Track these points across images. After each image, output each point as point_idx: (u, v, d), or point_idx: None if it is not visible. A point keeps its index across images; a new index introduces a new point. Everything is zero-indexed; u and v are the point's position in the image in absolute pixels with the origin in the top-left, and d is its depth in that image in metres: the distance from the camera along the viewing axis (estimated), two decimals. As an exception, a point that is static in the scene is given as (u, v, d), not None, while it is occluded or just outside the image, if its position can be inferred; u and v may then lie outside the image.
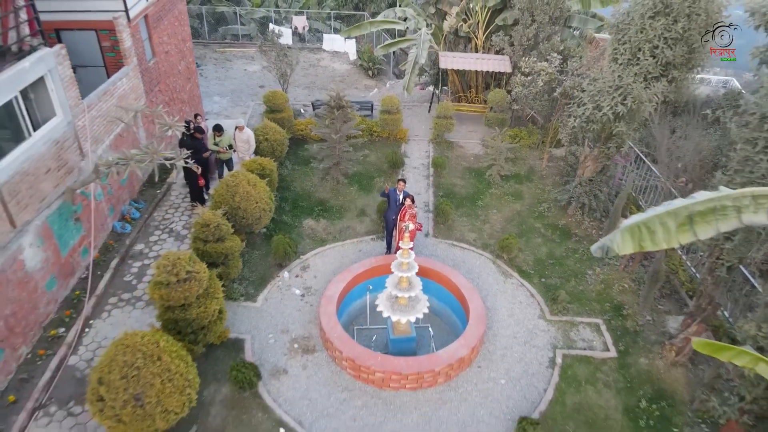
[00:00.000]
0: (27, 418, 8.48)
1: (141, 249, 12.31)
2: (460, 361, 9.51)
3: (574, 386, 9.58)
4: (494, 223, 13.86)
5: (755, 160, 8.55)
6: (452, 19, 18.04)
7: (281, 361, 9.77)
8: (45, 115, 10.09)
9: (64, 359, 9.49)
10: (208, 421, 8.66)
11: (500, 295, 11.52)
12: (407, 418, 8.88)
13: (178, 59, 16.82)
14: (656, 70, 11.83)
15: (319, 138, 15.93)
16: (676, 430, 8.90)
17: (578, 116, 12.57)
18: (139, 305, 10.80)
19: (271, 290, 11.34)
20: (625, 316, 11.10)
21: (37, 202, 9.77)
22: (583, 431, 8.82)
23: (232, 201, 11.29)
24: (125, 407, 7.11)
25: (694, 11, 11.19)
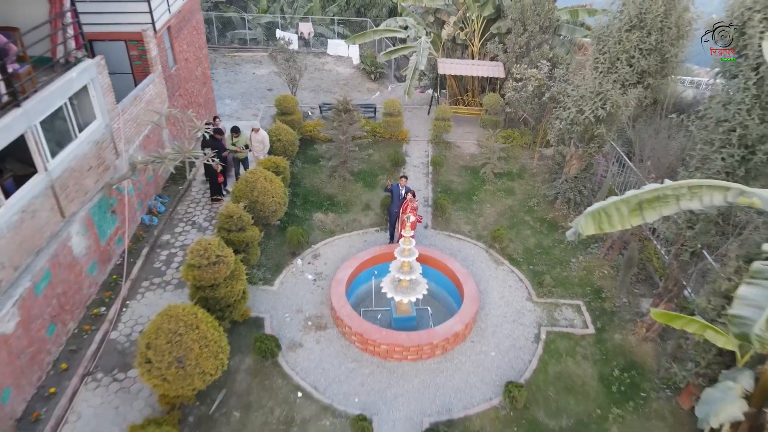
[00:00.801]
0: (78, 383, 9.71)
1: (167, 239, 13.54)
2: (455, 336, 10.73)
3: (555, 358, 10.80)
4: (488, 216, 15.08)
5: (711, 159, 9.77)
6: (450, 28, 19.26)
7: (297, 336, 10.99)
8: (87, 119, 11.30)
9: (106, 334, 10.72)
10: (234, 386, 9.89)
11: (492, 280, 12.75)
12: (408, 384, 10.10)
13: (195, 65, 18.04)
14: (633, 78, 13.05)
15: (327, 138, 17.15)
16: (643, 394, 10.12)
17: (563, 119, 13.80)
18: (168, 288, 12.02)
19: (286, 275, 12.57)
20: (603, 298, 12.32)
21: (81, 196, 10.99)
22: (563, 395, 10.05)
23: (251, 195, 12.52)
24: (169, 368, 8.33)
25: (666, 25, 12.40)
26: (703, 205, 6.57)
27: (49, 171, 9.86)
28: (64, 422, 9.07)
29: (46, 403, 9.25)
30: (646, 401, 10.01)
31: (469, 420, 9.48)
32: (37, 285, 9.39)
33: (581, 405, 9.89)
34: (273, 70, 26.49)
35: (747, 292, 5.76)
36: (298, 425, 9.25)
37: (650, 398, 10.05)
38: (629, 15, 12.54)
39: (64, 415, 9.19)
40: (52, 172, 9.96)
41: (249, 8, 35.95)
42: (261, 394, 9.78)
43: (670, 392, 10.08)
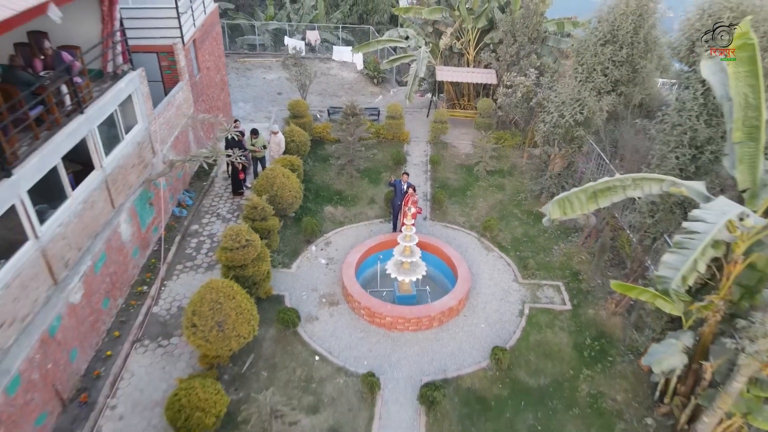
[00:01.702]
0: (129, 348, 11.36)
1: (196, 229, 15.18)
2: (450, 310, 12.37)
3: (536, 329, 12.44)
4: (480, 209, 16.72)
5: (668, 157, 11.42)
6: (447, 38, 20.89)
7: (313, 311, 12.63)
8: (130, 123, 12.93)
9: (149, 308, 12.36)
10: (261, 351, 11.53)
11: (483, 264, 14.38)
12: (409, 350, 11.74)
13: (215, 73, 19.68)
14: (607, 86, 14.66)
15: (335, 139, 18.78)
16: (610, 359, 11.76)
17: (548, 122, 15.45)
18: (200, 270, 13.67)
19: (302, 260, 14.22)
20: (580, 280, 13.96)
21: (126, 190, 12.64)
22: (541, 359, 11.69)
23: (271, 189, 14.16)
24: (211, 331, 9.97)
25: (636, 40, 14.02)
26: (644, 194, 8.23)
27: (103, 168, 11.51)
28: (120, 379, 10.72)
29: (104, 364, 10.90)
30: (612, 364, 11.65)
31: (461, 378, 11.12)
32: (95, 264, 11.04)
33: (557, 367, 11.54)
34: (281, 75, 28.15)
35: (669, 258, 7.40)
36: (317, 382, 10.89)
37: (616, 362, 11.69)
38: (603, 31, 14.18)
39: (120, 372, 10.84)
40: (106, 169, 11.60)
41: (256, 15, 37.56)
42: (284, 357, 11.42)
43: (632, 357, 11.72)
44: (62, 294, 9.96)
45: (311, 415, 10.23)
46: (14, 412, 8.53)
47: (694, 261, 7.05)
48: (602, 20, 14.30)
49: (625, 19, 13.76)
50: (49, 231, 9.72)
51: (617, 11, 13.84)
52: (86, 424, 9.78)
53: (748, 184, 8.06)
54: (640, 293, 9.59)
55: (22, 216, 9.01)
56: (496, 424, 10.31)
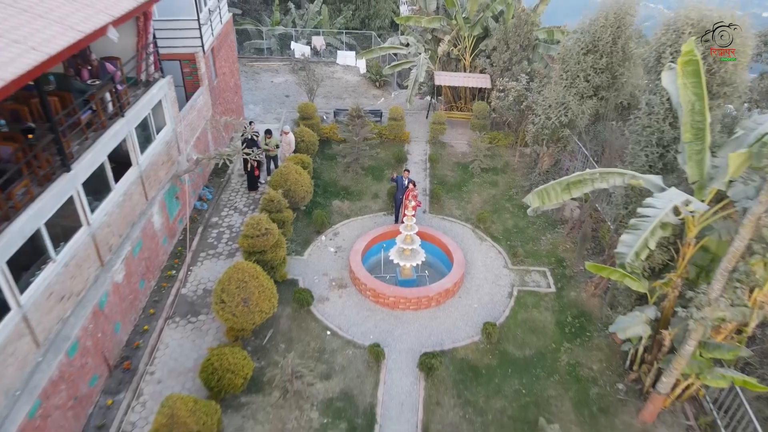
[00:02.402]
0: (163, 323, 12.77)
1: (216, 221, 16.60)
2: (446, 291, 13.78)
3: (524, 309, 13.85)
4: (475, 203, 18.13)
5: (639, 155, 12.80)
6: (445, 45, 22.29)
7: (324, 293, 14.04)
8: (160, 125, 14.33)
9: (178, 290, 13.78)
10: (279, 326, 12.93)
11: (477, 252, 15.80)
12: (410, 327, 13.14)
13: (230, 77, 21.09)
14: (589, 91, 16.04)
15: (341, 139, 20.19)
16: (588, 334, 13.17)
17: (536, 124, 16.85)
18: (221, 257, 15.08)
19: (312, 248, 15.63)
20: (564, 266, 15.37)
21: (157, 184, 14.05)
22: (527, 334, 13.10)
23: (285, 184, 15.57)
24: (237, 306, 11.37)
25: (614, 50, 15.40)
26: (609, 185, 9.65)
27: (139, 164, 12.92)
28: (156, 349, 12.15)
29: (142, 337, 12.33)
30: (590, 338, 13.07)
31: (455, 350, 12.53)
32: (134, 249, 12.46)
33: (541, 341, 12.95)
34: (288, 79, 29.58)
35: (625, 237, 8.81)
36: (329, 353, 12.31)
37: (593, 336, 13.11)
38: (585, 41, 15.56)
39: (156, 344, 12.26)
40: (141, 165, 13.02)
41: (263, 20, 38.97)
42: (299, 332, 12.84)
43: (607, 332, 13.12)
44: (108, 274, 11.38)
45: (324, 381, 11.64)
46: (73, 372, 9.96)
47: (645, 239, 8.46)
48: (584, 31, 15.70)
49: (604, 31, 15.16)
50: (97, 219, 11.13)
51: (598, 24, 15.24)
52: (129, 386, 11.20)
53: (696, 177, 9.47)
54: (611, 273, 11.03)
55: (77, 205, 10.42)
56: (486, 388, 11.72)
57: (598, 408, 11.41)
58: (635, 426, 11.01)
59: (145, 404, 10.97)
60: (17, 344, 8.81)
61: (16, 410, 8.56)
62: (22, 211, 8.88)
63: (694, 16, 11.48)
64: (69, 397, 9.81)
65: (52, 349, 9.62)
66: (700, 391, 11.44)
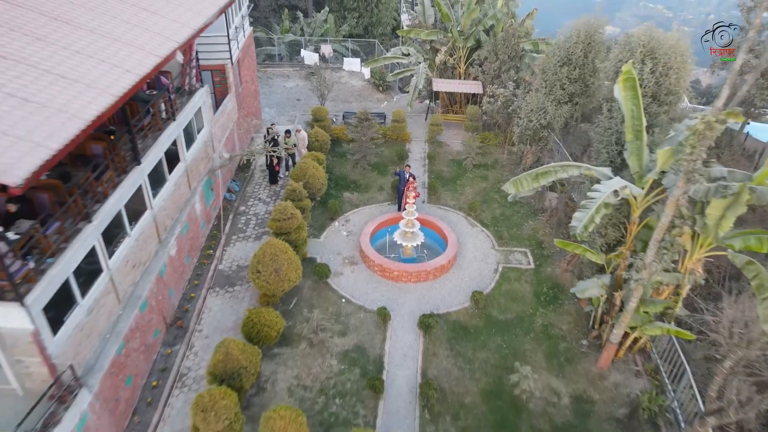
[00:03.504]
0: (205, 292, 15.19)
1: (243, 209, 19.02)
2: (441, 267, 16.19)
3: (507, 282, 16.26)
4: (467, 194, 20.55)
5: (601, 152, 15.22)
6: (442, 55, 24.67)
7: (339, 268, 16.44)
8: (200, 126, 16.74)
9: (216, 266, 16.20)
10: (302, 295, 15.34)
11: (468, 236, 18.21)
12: (411, 296, 15.55)
13: (251, 84, 23.50)
14: (565, 98, 18.42)
15: (350, 139, 22.60)
16: (560, 302, 15.59)
17: (520, 126, 19.26)
18: (250, 240, 17.50)
19: (328, 232, 18.05)
20: (543, 248, 17.78)
21: (198, 177, 16.47)
22: (509, 302, 15.51)
23: (304, 177, 17.98)
24: (270, 275, 13.78)
25: (585, 63, 17.81)
26: (568, 176, 12.06)
27: (185, 160, 15.34)
28: (202, 312, 14.58)
29: (189, 302, 14.76)
30: (561, 305, 15.49)
31: (449, 314, 14.95)
32: (182, 230, 14.88)
33: (520, 307, 15.38)
34: (299, 84, 31.94)
35: (577, 214, 11.21)
36: (344, 316, 14.73)
37: (564, 304, 15.53)
38: (561, 55, 17.97)
39: (201, 308, 14.69)
40: (187, 161, 15.44)
41: (273, 27, 41.31)
42: (319, 299, 15.25)
43: (575, 300, 15.56)
44: (165, 249, 13.81)
45: (341, 337, 14.06)
46: (144, 324, 12.39)
47: (591, 216, 10.87)
48: (560, 47, 18.11)
49: (576, 47, 17.57)
50: (157, 204, 13.56)
51: (571, 40, 17.65)
52: (183, 340, 13.64)
53: (636, 168, 11.88)
54: (575, 248, 13.47)
55: (144, 193, 12.85)
56: (473, 343, 14.15)
57: (565, 358, 13.85)
58: (593, 371, 13.44)
59: (197, 353, 13.42)
60: (106, 299, 11.25)
61: (107, 349, 11.00)
62: (110, 195, 11.30)
63: (644, 38, 13.91)
64: (141, 343, 12.25)
65: (129, 305, 12.06)
66: (648, 344, 13.87)
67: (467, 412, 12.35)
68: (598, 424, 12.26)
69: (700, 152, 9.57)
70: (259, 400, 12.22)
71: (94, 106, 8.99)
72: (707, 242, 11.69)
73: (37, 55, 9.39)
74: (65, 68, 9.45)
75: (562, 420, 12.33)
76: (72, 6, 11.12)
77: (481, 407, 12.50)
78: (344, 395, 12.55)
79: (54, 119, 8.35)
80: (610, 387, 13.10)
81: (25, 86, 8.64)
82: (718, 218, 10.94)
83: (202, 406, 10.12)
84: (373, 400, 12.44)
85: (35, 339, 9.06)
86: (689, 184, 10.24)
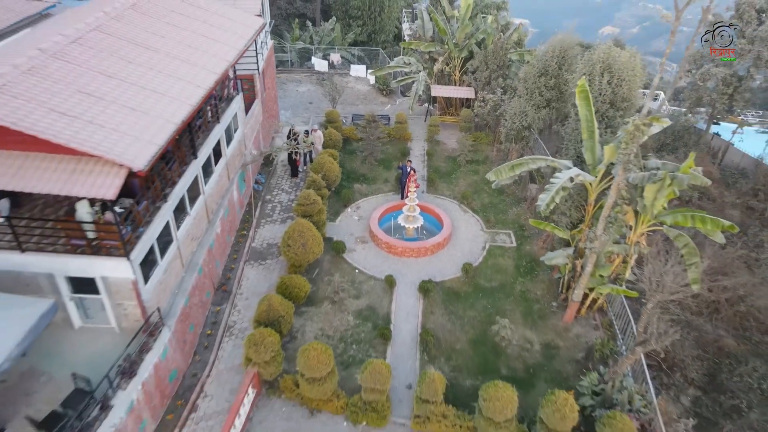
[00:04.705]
0: (243, 264, 18.18)
1: (269, 198, 22.01)
2: (438, 244, 19.18)
3: (492, 257, 19.24)
4: (461, 186, 23.52)
5: (570, 149, 18.22)
6: (439, 64, 27.65)
7: (352, 246, 19.40)
8: (236, 127, 19.71)
9: (250, 244, 19.19)
10: (323, 266, 18.30)
11: (461, 220, 21.18)
12: (413, 267, 18.50)
13: (271, 90, 26.47)
14: (543, 103, 21.40)
15: (359, 138, 25.59)
16: (536, 273, 18.56)
17: (506, 126, 22.25)
18: (276, 223, 20.48)
19: (342, 217, 21.03)
20: (524, 230, 20.75)
21: (234, 170, 19.44)
22: (494, 273, 18.47)
23: (322, 170, 20.96)
24: (298, 248, 16.74)
25: (560, 74, 20.81)
26: (537, 166, 15.04)
27: (226, 155, 18.32)
28: (241, 280, 17.57)
29: (231, 272, 17.75)
30: (537, 276, 18.47)
31: (444, 282, 17.92)
32: (224, 213, 17.87)
33: (503, 277, 18.36)
34: (310, 88, 34.88)
35: (542, 195, 14.15)
36: (357, 283, 17.70)
37: (539, 274, 18.52)
38: (539, 67, 20.97)
39: (240, 276, 17.68)
40: (227, 156, 18.42)
41: (284, 35, 44.21)
42: (337, 270, 18.22)
43: (549, 271, 18.55)
44: (213, 227, 16.80)
45: (356, 299, 17.04)
46: (200, 285, 15.38)
47: (551, 196, 13.83)
48: (539, 60, 21.11)
49: (552, 60, 20.56)
50: (207, 190, 16.54)
51: (547, 55, 20.65)
52: (228, 301, 16.64)
53: (590, 161, 14.86)
54: (546, 226, 16.45)
55: (199, 182, 15.83)
56: (464, 305, 17.13)
57: (538, 316, 16.84)
58: (560, 326, 16.44)
59: (239, 311, 16.41)
60: (175, 263, 14.23)
61: (177, 301, 13.98)
62: (177, 182, 14.28)
63: (603, 55, 16.89)
64: (199, 299, 15.25)
65: (189, 269, 15.05)
66: (605, 304, 16.87)
67: (457, 355, 15.36)
68: (561, 364, 15.26)
69: (631, 148, 12.56)
70: (292, 345, 15.20)
71: (180, 113, 11.96)
72: (647, 219, 14.67)
73: (133, 74, 12.35)
74: (155, 84, 12.42)
75: (533, 361, 15.33)
76: (151, 35, 14.08)
77: (468, 351, 15.50)
78: (359, 342, 15.56)
79: (155, 123, 11.31)
80: (573, 337, 16.11)
81: (131, 99, 11.60)
82: (653, 200, 13.93)
83: (254, 341, 13.10)
84: (383, 346, 15.44)
85: (134, 286, 12.04)
86: (626, 172, 13.23)
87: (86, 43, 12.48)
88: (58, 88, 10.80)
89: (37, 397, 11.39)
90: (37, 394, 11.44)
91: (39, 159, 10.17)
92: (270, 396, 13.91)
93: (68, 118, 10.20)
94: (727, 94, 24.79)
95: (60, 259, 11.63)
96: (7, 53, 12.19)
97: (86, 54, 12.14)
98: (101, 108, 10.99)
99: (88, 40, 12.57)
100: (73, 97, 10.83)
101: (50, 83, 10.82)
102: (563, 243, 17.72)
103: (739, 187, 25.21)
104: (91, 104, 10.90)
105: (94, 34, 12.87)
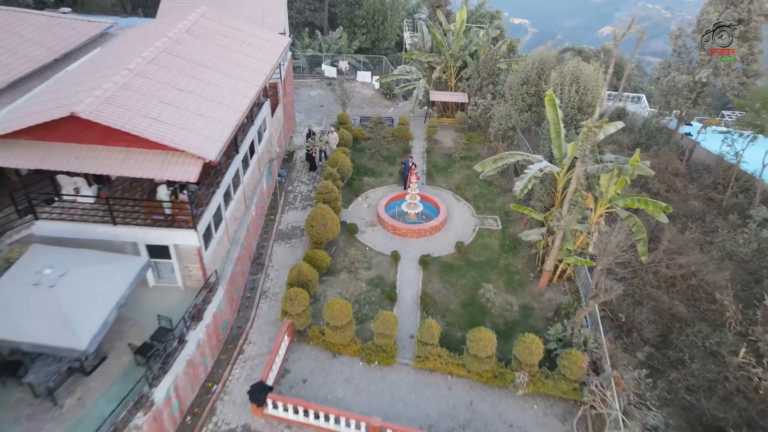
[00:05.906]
0: (272, 242, 21.45)
1: (291, 188, 25.29)
2: (435, 227, 22.46)
3: (481, 238, 22.52)
4: (456, 179, 26.77)
5: (545, 146, 21.48)
6: (437, 72, 30.89)
7: (363, 228, 22.64)
8: (264, 128, 22.98)
9: (277, 226, 22.46)
10: (338, 245, 21.54)
11: (455, 207, 24.44)
12: (414, 246, 21.74)
13: (290, 95, 29.72)
14: (525, 107, 24.65)
15: (367, 137, 28.88)
16: (518, 250, 21.82)
17: (494, 128, 25.54)
18: (298, 209, 23.75)
19: (353, 204, 24.28)
20: (508, 216, 24.00)
21: (263, 164, 22.72)
22: (482, 250, 21.73)
23: (337, 165, 24.23)
24: (320, 228, 19.99)
25: (539, 82, 24.08)
26: (515, 160, 18.33)
27: (258, 152, 21.60)
28: (271, 255, 20.85)
29: (263, 249, 21.02)
30: (518, 253, 21.75)
31: (440, 257, 21.18)
32: (256, 200, 21.16)
33: (489, 253, 21.63)
34: (321, 92, 38.08)
35: (517, 183, 17.43)
36: (368, 258, 20.96)
37: (520, 251, 21.80)
38: (522, 76, 24.23)
39: (271, 252, 20.95)
40: (259, 152, 21.69)
41: (294, 43, 47.35)
42: (350, 248, 21.48)
43: (528, 248, 21.83)
44: (249, 211, 20.08)
45: (367, 271, 20.31)
46: (242, 257, 18.64)
47: (525, 184, 17.07)
48: (522, 70, 24.38)
49: (532, 70, 23.84)
50: (245, 180, 19.82)
51: (528, 65, 23.92)
52: (262, 271, 19.93)
53: (558, 155, 18.12)
54: (523, 210, 19.73)
55: (240, 173, 19.11)
56: (456, 275, 20.40)
57: (517, 284, 20.13)
58: (535, 291, 19.71)
59: (272, 279, 19.70)
60: (223, 238, 17.51)
61: (226, 267, 17.25)
62: (225, 172, 17.56)
63: (572, 69, 20.18)
64: (241, 267, 18.55)
65: (233, 243, 18.33)
66: (572, 274, 20.16)
67: (450, 314, 18.64)
68: (535, 321, 18.54)
69: (586, 145, 15.83)
70: (316, 306, 18.46)
71: (235, 117, 15.23)
72: (603, 203, 17.94)
73: (197, 88, 15.61)
74: (213, 95, 15.68)
75: (513, 319, 18.62)
76: (205, 55, 17.34)
77: (459, 311, 18.79)
78: (371, 303, 18.84)
79: (217, 125, 14.57)
80: (545, 300, 19.40)
81: (199, 107, 14.85)
82: (606, 186, 17.22)
83: (289, 297, 16.38)
84: (390, 306, 18.71)
85: (198, 252, 15.32)
86: (584, 164, 16.51)
87: (159, 62, 15.74)
88: (146, 99, 14.06)
89: (127, 335, 14.68)
90: (126, 332, 14.74)
91: (137, 153, 13.44)
92: (300, 343, 17.19)
93: (158, 122, 13.47)
94: (691, 99, 28.10)
95: (143, 230, 14.91)
96: (94, 71, 15.49)
97: (161, 72, 15.40)
98: (179, 114, 14.25)
99: (160, 60, 15.83)
100: (158, 106, 14.09)
101: (140, 95, 14.08)
102: (539, 225, 21.00)
103: (702, 181, 28.54)
104: (171, 111, 14.16)
105: (164, 55, 16.13)
